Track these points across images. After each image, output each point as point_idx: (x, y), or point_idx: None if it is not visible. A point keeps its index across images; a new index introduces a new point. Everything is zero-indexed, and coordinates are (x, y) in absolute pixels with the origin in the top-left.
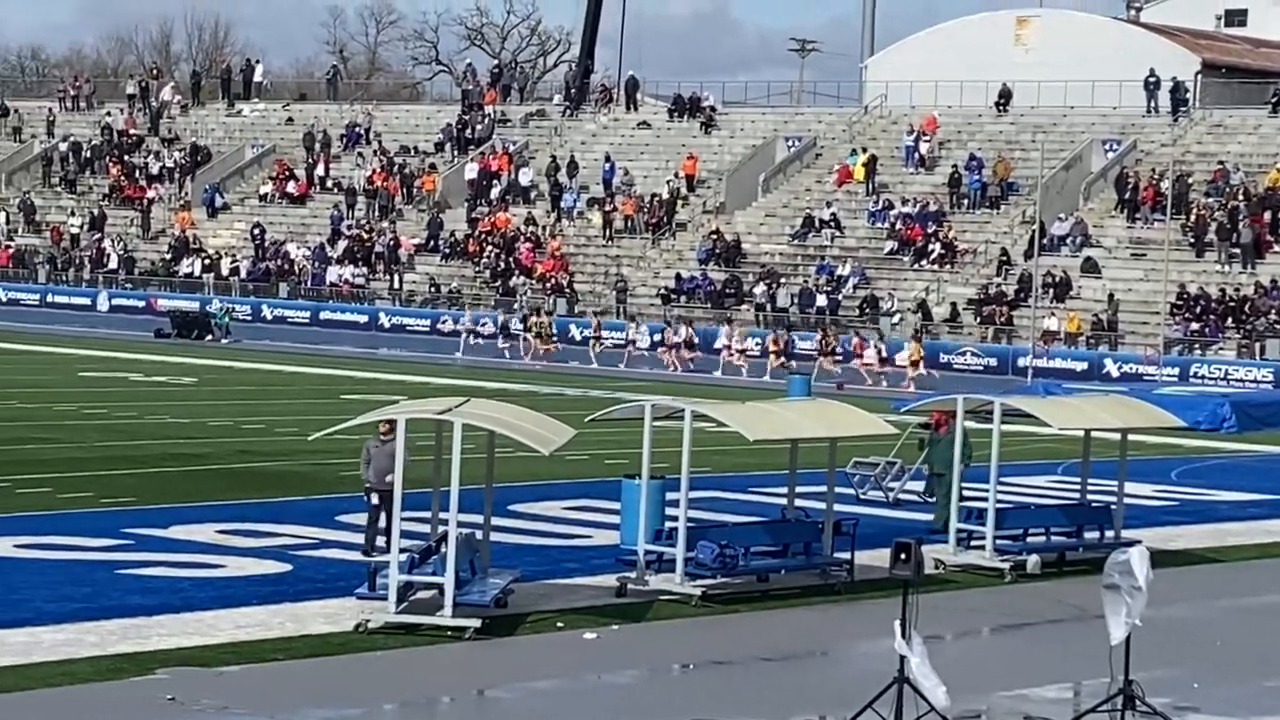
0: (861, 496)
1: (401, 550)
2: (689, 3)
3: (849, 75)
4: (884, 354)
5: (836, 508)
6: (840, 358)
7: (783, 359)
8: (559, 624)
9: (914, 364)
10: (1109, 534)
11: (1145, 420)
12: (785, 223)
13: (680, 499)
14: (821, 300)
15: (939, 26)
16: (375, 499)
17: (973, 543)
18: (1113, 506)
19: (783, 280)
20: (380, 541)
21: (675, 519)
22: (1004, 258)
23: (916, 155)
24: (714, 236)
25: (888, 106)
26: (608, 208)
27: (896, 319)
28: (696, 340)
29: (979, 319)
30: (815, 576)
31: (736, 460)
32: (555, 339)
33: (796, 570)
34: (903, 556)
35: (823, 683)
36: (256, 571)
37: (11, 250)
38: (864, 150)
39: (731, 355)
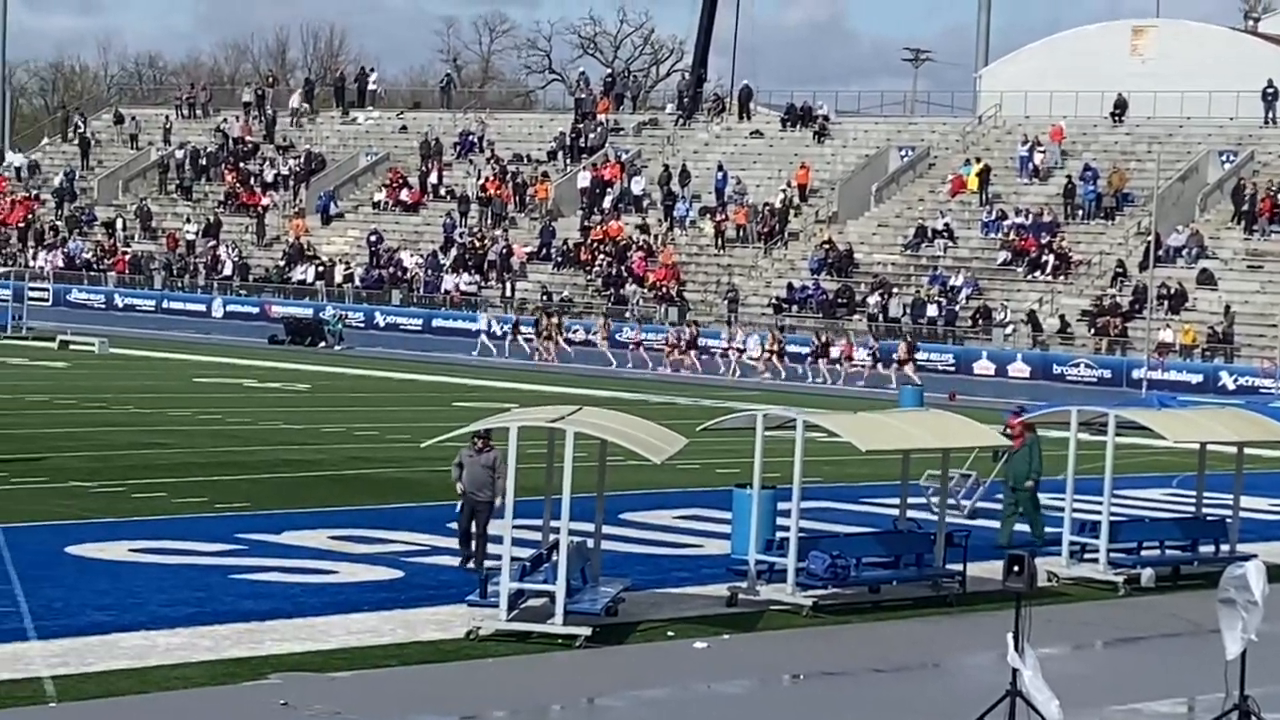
0: (936, 511)
1: (513, 558)
2: (805, 12)
3: (963, 85)
4: (877, 355)
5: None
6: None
7: (778, 359)
8: (669, 633)
9: (901, 363)
10: (1224, 548)
11: (1261, 433)
12: (898, 233)
13: (792, 509)
14: (933, 310)
15: (1054, 36)
16: (465, 509)
17: (1086, 556)
18: (1228, 520)
19: (895, 290)
20: (476, 562)
21: (786, 529)
22: (1119, 269)
23: (1030, 165)
24: (826, 246)
25: (1002, 116)
26: (720, 217)
27: (1010, 330)
28: (700, 341)
29: (1093, 330)
30: (927, 588)
31: (848, 470)
32: (565, 340)
33: (908, 581)
34: (1016, 569)
35: (934, 695)
36: (368, 578)
37: (128, 256)
38: (978, 160)
39: (733, 355)
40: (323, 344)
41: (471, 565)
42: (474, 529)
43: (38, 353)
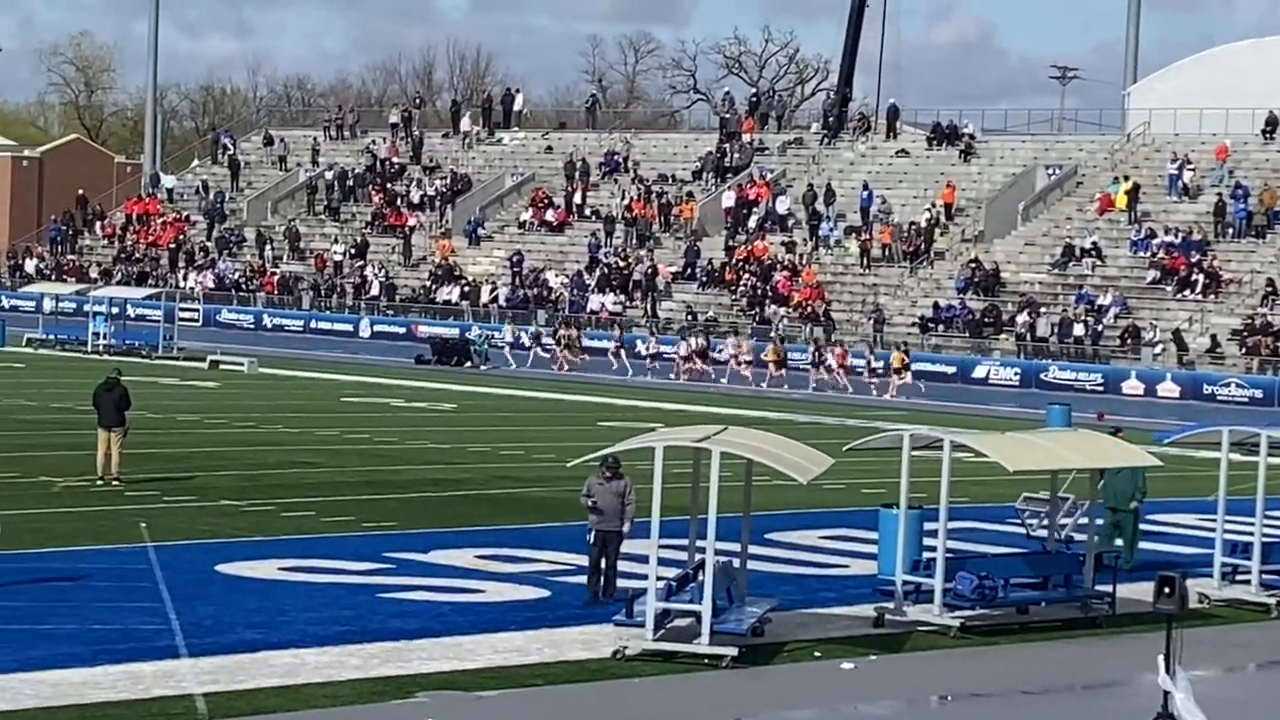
0: (1031, 534)
1: (659, 578)
2: (955, 31)
3: (1112, 102)
4: (872, 364)
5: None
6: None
7: (777, 367)
8: (816, 653)
9: (897, 371)
10: None
11: None
12: (1045, 251)
13: (939, 529)
14: (1080, 330)
15: (1205, 53)
16: (596, 541)
17: (1238, 577)
18: None
19: (1042, 310)
20: (605, 594)
21: (933, 549)
22: (1270, 288)
23: (1180, 184)
24: (973, 265)
25: (1151, 134)
26: (865, 236)
27: (1159, 350)
28: (709, 351)
29: (1243, 350)
30: (1076, 609)
31: (994, 490)
32: (583, 351)
33: (1057, 603)
34: (1166, 590)
35: (1084, 718)
36: (515, 597)
37: (277, 277)
38: (1126, 178)
39: (739, 366)
40: (469, 364)
41: (601, 597)
42: (604, 561)
43: (188, 373)
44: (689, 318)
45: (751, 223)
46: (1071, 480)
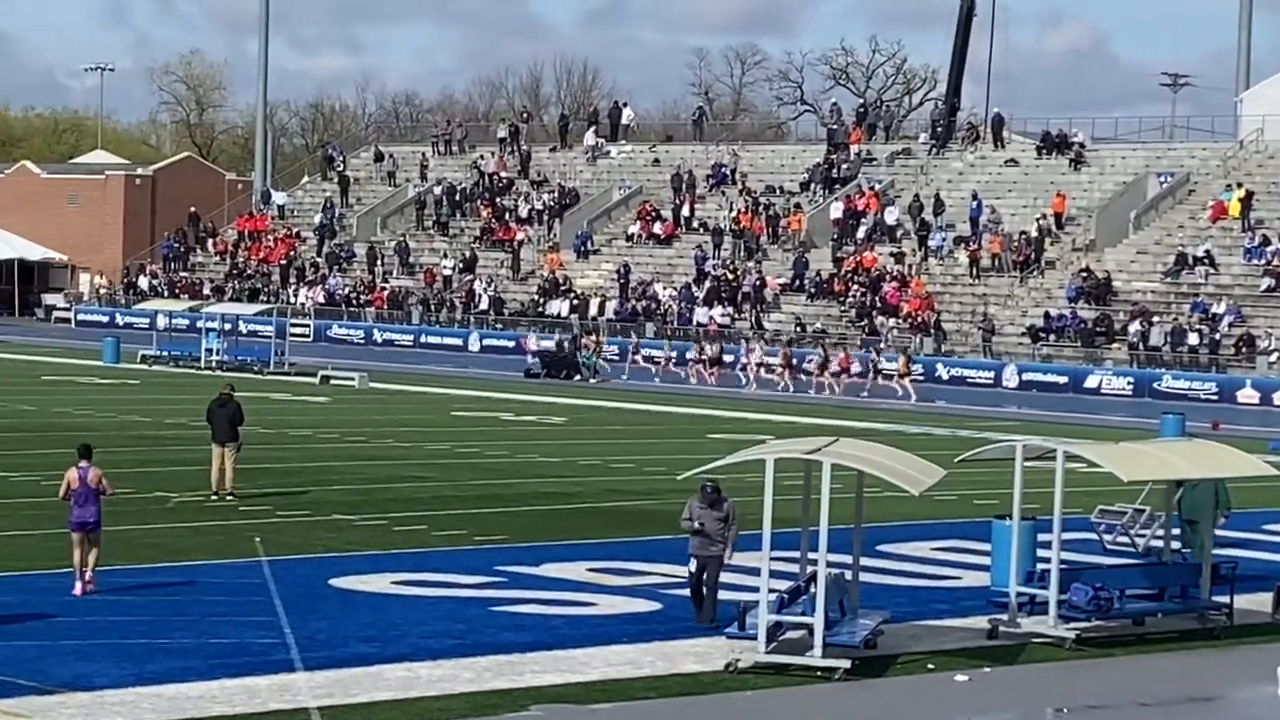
0: (1108, 546)
1: (771, 590)
2: (1067, 39)
3: (1224, 109)
4: (876, 367)
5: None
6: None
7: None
8: (929, 665)
9: (901, 376)
10: None
11: None
12: (1157, 260)
13: (1053, 540)
14: (1194, 338)
15: None
16: (697, 565)
17: None
18: None
19: (1155, 319)
20: (707, 619)
21: (1047, 560)
22: None
23: None
24: (1084, 274)
25: (1264, 140)
26: (974, 246)
27: (1274, 358)
28: (723, 356)
29: None
30: (1193, 620)
31: (1108, 501)
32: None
33: (1173, 614)
34: None
35: None
36: (627, 610)
37: (387, 292)
38: (1239, 185)
39: (751, 370)
40: (578, 377)
41: (701, 618)
42: (705, 585)
43: (300, 388)
44: (798, 329)
45: (860, 234)
46: (1148, 492)
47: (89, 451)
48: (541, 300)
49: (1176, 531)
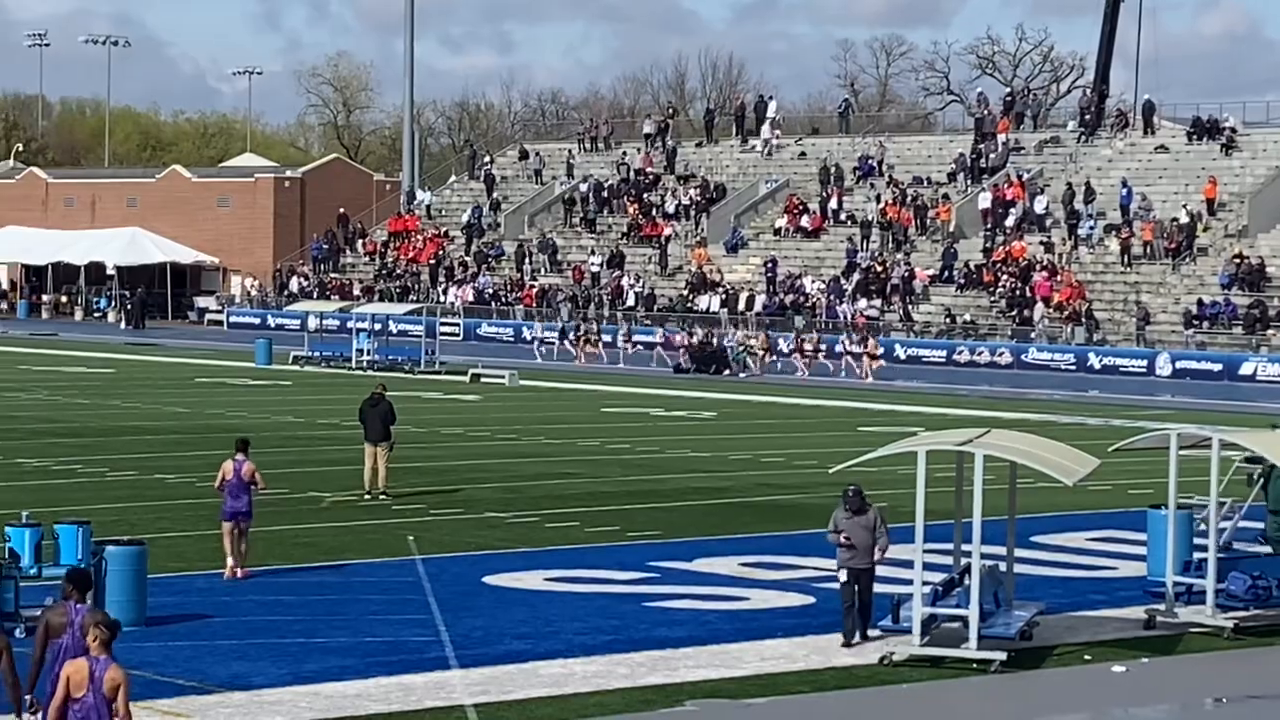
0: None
1: (925, 583)
2: (1219, 23)
3: None
4: (849, 348)
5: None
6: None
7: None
8: (1086, 657)
9: (872, 357)
10: None
11: None
12: None
13: (1209, 529)
14: None
15: None
16: (847, 579)
17: None
18: None
19: None
20: (860, 635)
21: (1204, 550)
22: None
23: None
24: (1237, 260)
25: None
26: (1125, 234)
27: None
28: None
29: None
30: None
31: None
32: (600, 344)
33: None
34: None
35: None
36: (780, 604)
37: (535, 289)
38: None
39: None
40: (727, 371)
41: (856, 639)
42: (856, 599)
43: (450, 386)
44: (947, 320)
45: (1009, 223)
46: (1227, 483)
47: (246, 445)
48: (689, 295)
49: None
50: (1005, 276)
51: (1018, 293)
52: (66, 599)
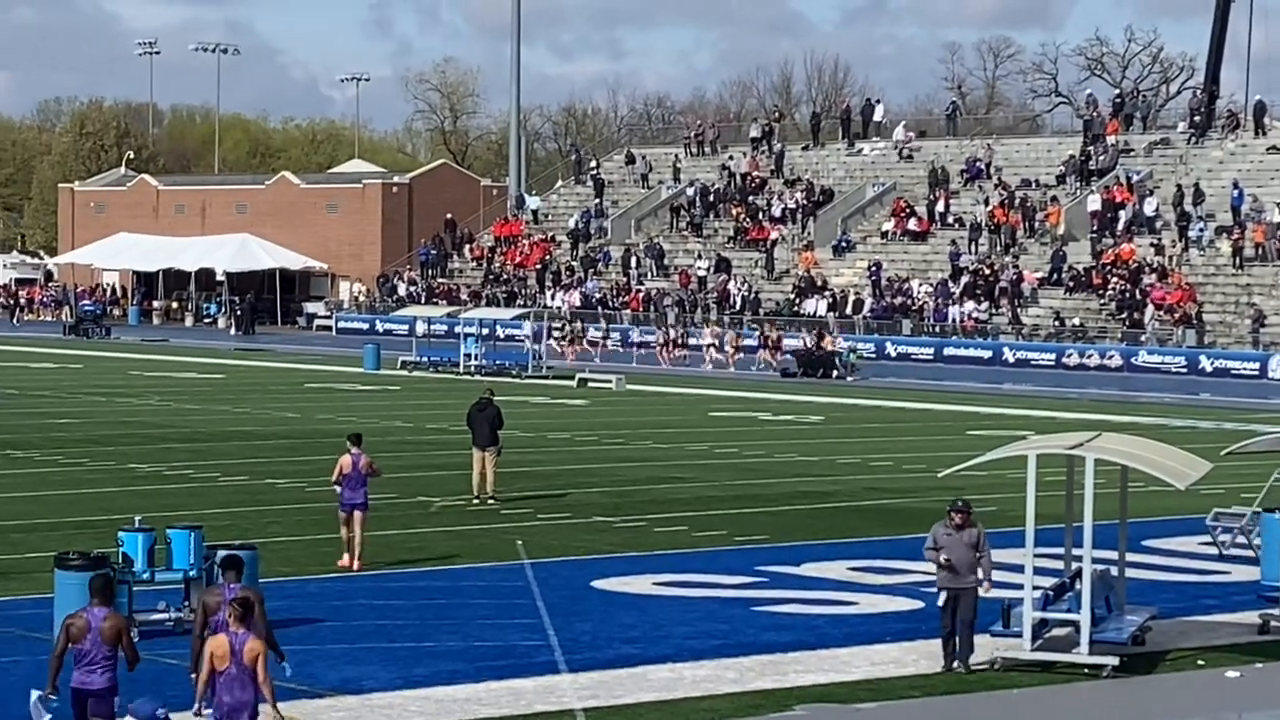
0: (1224, 551)
1: (1035, 587)
2: None
3: None
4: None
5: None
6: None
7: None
8: (1200, 662)
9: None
10: None
11: None
12: None
13: None
14: None
15: None
16: (948, 601)
17: None
18: None
19: None
20: (961, 662)
21: None
22: None
23: None
24: None
25: None
26: (1236, 236)
27: None
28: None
29: None
30: None
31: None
32: (584, 343)
33: None
34: None
35: None
36: (889, 608)
37: (642, 294)
38: None
39: (712, 353)
40: (835, 375)
41: (957, 666)
42: (957, 622)
43: (558, 391)
44: (1056, 323)
45: (1118, 225)
46: (1265, 493)
47: (359, 439)
48: (796, 299)
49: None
50: (1114, 279)
51: (1127, 295)
52: (224, 582)
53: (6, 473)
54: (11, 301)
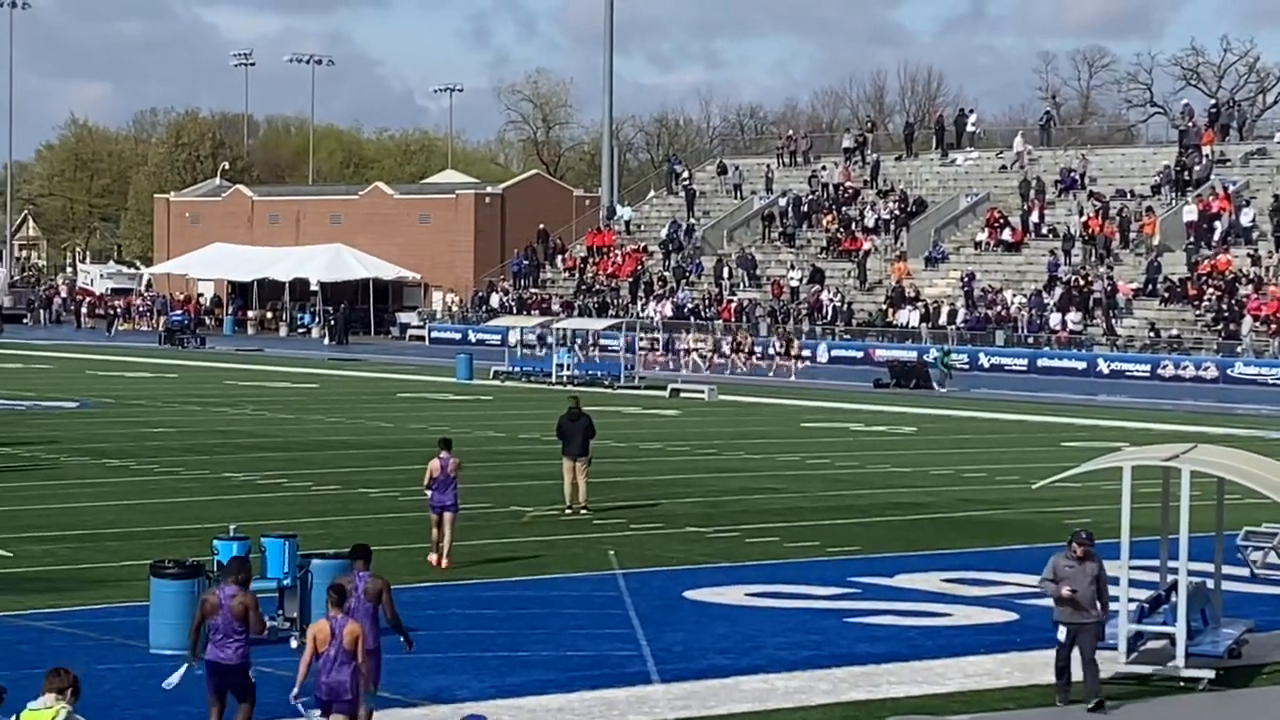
0: (1257, 571)
1: (1131, 599)
2: None
3: None
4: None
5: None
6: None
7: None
8: None
9: (796, 357)
10: None
11: None
12: None
13: None
14: None
15: None
16: (1066, 636)
17: None
18: None
19: None
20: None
21: None
22: None
23: None
24: None
25: None
26: None
27: None
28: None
29: None
30: None
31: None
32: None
33: None
34: None
35: None
36: (983, 620)
37: (734, 304)
38: None
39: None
40: (931, 382)
41: (1090, 707)
42: (1078, 657)
43: (650, 401)
44: (1151, 335)
45: (1214, 236)
46: None
47: (449, 443)
48: (889, 310)
49: None
50: (1210, 290)
51: (1223, 307)
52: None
53: (103, 481)
54: (108, 311)
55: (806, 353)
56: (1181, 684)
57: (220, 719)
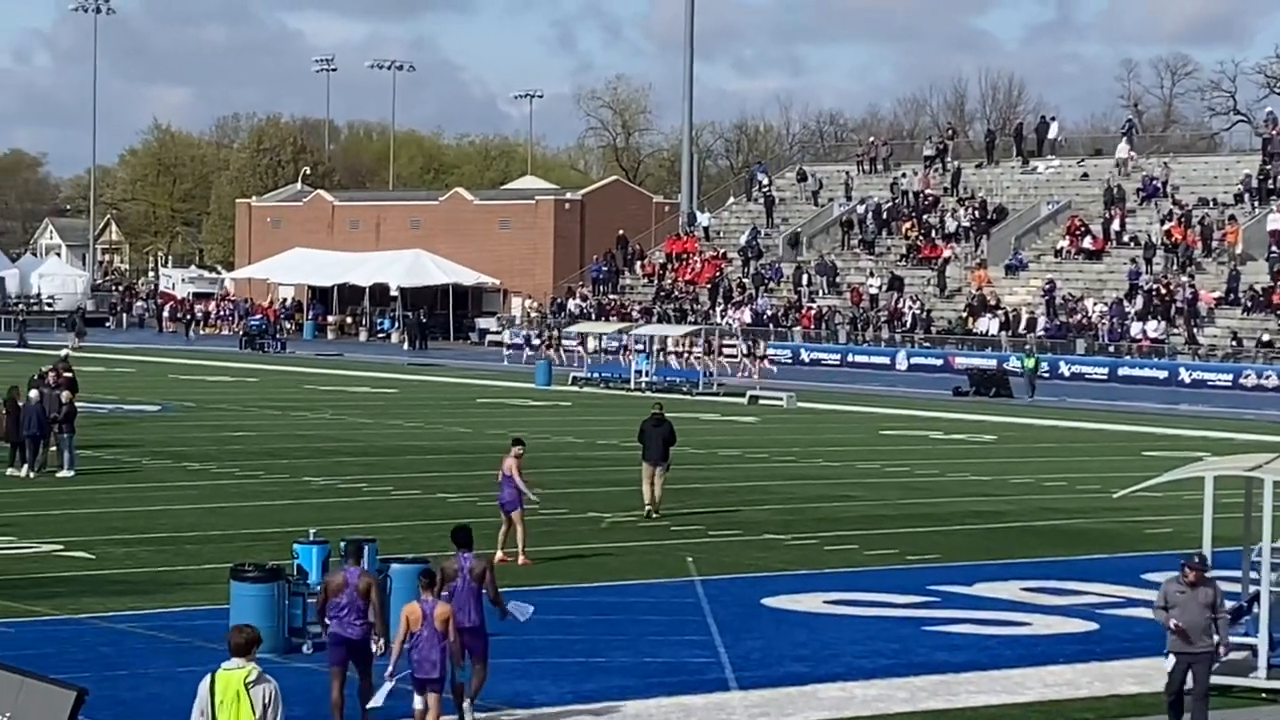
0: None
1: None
2: None
3: None
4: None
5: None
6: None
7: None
8: None
9: (762, 359)
10: None
11: None
12: None
13: None
14: None
15: None
16: (1178, 667)
17: None
18: None
19: None
20: None
21: None
22: None
23: None
24: None
25: None
26: None
27: None
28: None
29: None
30: None
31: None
32: (563, 349)
33: None
34: None
35: None
36: (1062, 630)
37: (813, 311)
38: None
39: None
40: (1009, 393)
41: None
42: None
43: (729, 408)
44: (1234, 344)
45: None
46: None
47: (518, 441)
48: (968, 318)
49: None
50: None
51: None
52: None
53: (184, 484)
54: (188, 316)
55: (773, 353)
56: (1264, 696)
57: (342, 688)
